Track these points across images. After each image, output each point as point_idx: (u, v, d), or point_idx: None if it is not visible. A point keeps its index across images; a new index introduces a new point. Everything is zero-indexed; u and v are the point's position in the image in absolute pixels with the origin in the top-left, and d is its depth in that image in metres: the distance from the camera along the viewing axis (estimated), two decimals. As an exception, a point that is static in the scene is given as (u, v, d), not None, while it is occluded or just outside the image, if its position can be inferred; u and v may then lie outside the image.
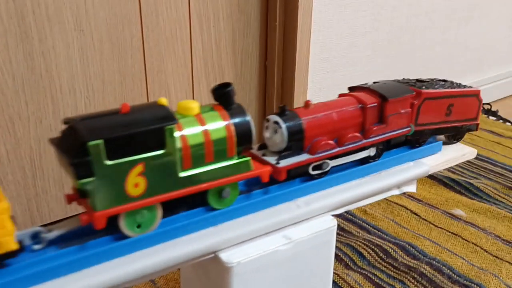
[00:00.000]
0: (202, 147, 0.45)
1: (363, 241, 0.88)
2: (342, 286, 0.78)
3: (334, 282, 0.79)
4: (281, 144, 0.52)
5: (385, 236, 0.91)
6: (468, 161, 1.22)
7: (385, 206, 1.01)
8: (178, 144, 0.43)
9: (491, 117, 1.50)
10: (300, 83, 1.10)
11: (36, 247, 0.41)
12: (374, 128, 0.57)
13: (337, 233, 0.92)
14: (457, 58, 1.52)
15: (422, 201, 1.03)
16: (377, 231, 0.93)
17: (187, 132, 0.44)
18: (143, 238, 0.44)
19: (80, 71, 0.86)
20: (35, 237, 0.42)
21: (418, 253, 0.86)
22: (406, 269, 0.82)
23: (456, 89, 0.63)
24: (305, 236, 0.49)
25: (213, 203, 0.47)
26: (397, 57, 1.35)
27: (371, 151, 0.57)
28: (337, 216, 0.98)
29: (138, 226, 0.43)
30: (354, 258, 0.84)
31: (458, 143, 0.66)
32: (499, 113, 1.53)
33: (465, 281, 0.79)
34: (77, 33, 0.84)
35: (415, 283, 0.79)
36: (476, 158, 1.23)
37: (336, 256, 0.85)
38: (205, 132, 0.45)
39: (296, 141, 0.52)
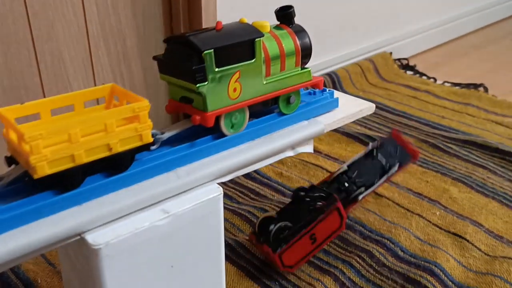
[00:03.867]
0: (279, 58, 0.54)
1: (277, 204, 0.86)
2: (255, 252, 0.77)
3: (245, 247, 0.77)
4: None
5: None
6: (384, 117, 1.22)
7: (301, 168, 1.00)
8: (263, 55, 0.52)
9: (408, 72, 1.52)
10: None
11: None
12: None
13: (252, 198, 0.90)
14: (373, 14, 1.51)
15: (338, 160, 1.02)
16: (292, 192, 0.91)
17: (268, 45, 0.53)
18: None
19: (-46, 42, 0.77)
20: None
21: (331, 212, 0.85)
22: (319, 229, 0.81)
23: None
24: (186, 208, 0.45)
25: (282, 109, 0.56)
26: (313, 14, 1.32)
27: None
28: (251, 179, 0.96)
29: (232, 126, 0.53)
30: (267, 223, 0.82)
31: (356, 98, 0.64)
32: (416, 68, 1.55)
33: (376, 236, 0.80)
34: None
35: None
36: (392, 113, 1.25)
37: (249, 221, 0.83)
38: (280, 46, 0.54)
39: None
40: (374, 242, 0.79)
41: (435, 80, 1.46)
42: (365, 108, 0.62)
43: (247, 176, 0.96)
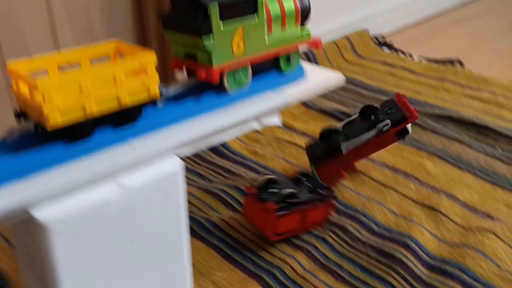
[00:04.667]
0: (280, 17, 0.56)
1: (250, 182, 0.85)
2: (227, 230, 0.75)
3: (217, 226, 0.76)
4: None
5: (274, 174, 0.88)
6: (360, 93, 1.21)
7: (275, 145, 0.98)
8: (265, 13, 0.54)
9: (384, 49, 1.50)
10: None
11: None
12: None
13: (225, 176, 0.89)
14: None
15: (313, 137, 1.01)
16: (265, 170, 0.90)
17: (269, 3, 0.55)
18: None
19: None
20: None
21: (306, 189, 0.84)
22: (293, 206, 0.80)
23: None
24: (143, 182, 0.43)
25: (283, 67, 0.58)
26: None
27: None
28: (224, 157, 0.94)
29: (235, 83, 0.54)
30: (240, 200, 0.81)
31: (325, 69, 0.62)
32: (393, 45, 1.53)
33: (350, 211, 0.79)
34: None
35: (302, 219, 0.77)
36: (367, 89, 1.23)
37: (222, 199, 0.81)
38: (281, 5, 0.56)
39: None
40: (348, 217, 0.78)
41: (411, 56, 1.45)
42: (334, 78, 0.60)
43: (219, 154, 0.94)
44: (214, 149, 0.96)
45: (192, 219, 0.77)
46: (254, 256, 0.70)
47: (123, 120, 0.45)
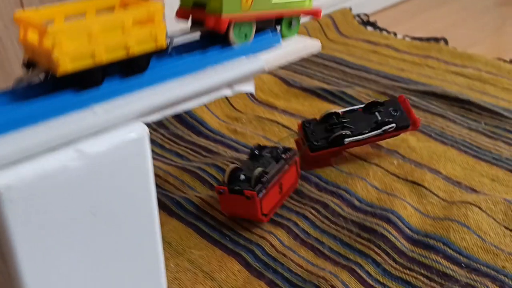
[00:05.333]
0: None
1: (229, 160, 0.82)
2: (205, 208, 0.73)
3: (195, 204, 0.73)
4: None
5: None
6: (343, 71, 1.19)
7: (256, 124, 0.96)
8: None
9: (368, 28, 1.48)
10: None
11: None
12: None
13: (204, 155, 0.86)
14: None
15: (295, 114, 0.99)
16: (245, 149, 0.87)
17: None
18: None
19: None
20: None
21: (286, 166, 0.82)
22: (273, 183, 0.78)
23: None
24: (104, 148, 0.40)
25: (284, 32, 0.60)
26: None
27: None
28: (203, 137, 0.91)
29: (240, 36, 0.54)
30: (219, 178, 0.79)
31: (301, 36, 0.60)
32: (377, 23, 1.51)
33: (332, 187, 0.77)
34: None
35: (282, 195, 0.75)
36: (351, 67, 1.21)
37: (200, 177, 0.79)
38: None
39: None
40: (330, 193, 0.76)
41: (396, 34, 1.43)
42: (311, 45, 0.57)
43: (198, 133, 0.92)
44: (192, 128, 0.93)
45: (169, 198, 0.74)
46: (233, 234, 0.68)
47: (132, 70, 0.45)
